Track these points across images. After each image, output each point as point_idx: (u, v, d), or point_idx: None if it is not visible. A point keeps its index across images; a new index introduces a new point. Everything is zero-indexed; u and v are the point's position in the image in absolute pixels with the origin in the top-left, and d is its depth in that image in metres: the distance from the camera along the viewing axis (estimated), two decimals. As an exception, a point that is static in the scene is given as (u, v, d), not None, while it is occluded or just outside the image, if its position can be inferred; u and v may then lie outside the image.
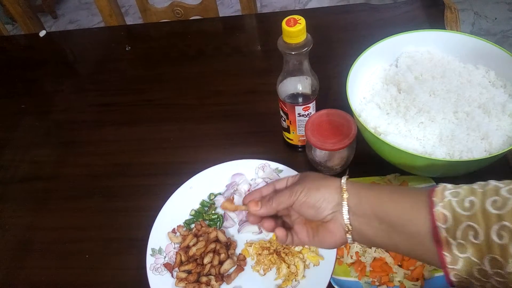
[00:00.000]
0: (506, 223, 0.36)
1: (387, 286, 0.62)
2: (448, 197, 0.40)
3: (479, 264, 0.38)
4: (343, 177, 0.48)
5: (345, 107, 0.69)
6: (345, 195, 0.46)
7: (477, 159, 0.60)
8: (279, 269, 0.66)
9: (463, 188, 0.41)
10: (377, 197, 0.45)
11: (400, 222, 0.43)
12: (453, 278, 0.40)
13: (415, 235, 0.42)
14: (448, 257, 0.39)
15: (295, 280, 0.65)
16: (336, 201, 0.47)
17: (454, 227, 0.39)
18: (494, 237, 0.36)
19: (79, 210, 0.80)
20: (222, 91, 0.96)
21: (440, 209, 0.40)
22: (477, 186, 0.40)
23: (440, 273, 0.61)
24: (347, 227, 0.46)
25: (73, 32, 1.35)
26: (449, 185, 0.42)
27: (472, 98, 0.69)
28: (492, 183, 0.40)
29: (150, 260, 0.68)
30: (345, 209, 0.46)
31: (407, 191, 0.45)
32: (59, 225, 0.79)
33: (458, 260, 0.39)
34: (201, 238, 0.70)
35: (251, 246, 0.69)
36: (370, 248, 0.64)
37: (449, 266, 0.39)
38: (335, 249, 0.64)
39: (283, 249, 0.67)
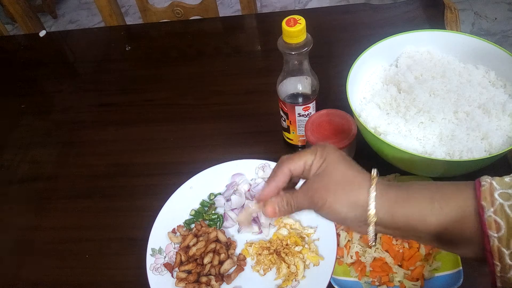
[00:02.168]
0: None
1: (387, 286, 0.62)
2: (499, 200, 0.36)
3: None
4: (371, 192, 0.41)
5: (345, 107, 0.69)
6: (373, 219, 0.41)
7: (477, 159, 0.60)
8: (279, 269, 0.66)
9: None
10: (416, 210, 0.40)
11: (446, 234, 0.39)
12: (500, 285, 0.37)
13: (462, 244, 0.39)
14: (498, 266, 0.36)
15: (295, 280, 0.65)
16: (364, 219, 0.41)
17: (508, 236, 0.35)
18: None
19: (79, 210, 0.80)
20: (222, 91, 0.96)
21: (492, 215, 0.36)
22: None
23: (440, 273, 0.61)
24: (372, 242, 0.42)
25: (73, 32, 1.35)
26: (494, 183, 0.37)
27: (472, 98, 0.69)
28: None
29: (150, 260, 0.68)
30: (371, 231, 0.41)
31: (450, 193, 0.39)
32: (59, 225, 0.79)
33: (510, 269, 0.36)
34: (201, 238, 0.70)
35: (251, 246, 0.69)
36: (370, 248, 0.64)
37: (499, 274, 0.37)
38: (335, 249, 0.64)
39: (283, 249, 0.67)
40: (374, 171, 0.43)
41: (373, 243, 0.42)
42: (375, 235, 0.42)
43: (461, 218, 0.38)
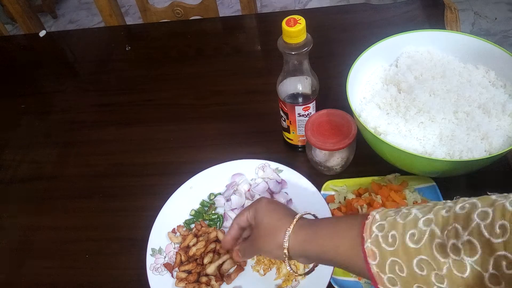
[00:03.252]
0: (423, 256, 0.38)
1: (387, 286, 0.62)
2: (375, 232, 0.42)
3: None
4: (286, 236, 0.50)
5: (345, 107, 0.69)
6: (287, 255, 0.51)
7: (477, 159, 0.60)
8: (279, 269, 0.66)
9: (388, 221, 0.42)
10: (319, 248, 0.48)
11: (344, 263, 0.47)
12: None
13: (359, 270, 0.45)
14: None
15: (295, 280, 0.65)
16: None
17: (382, 262, 0.41)
18: (416, 269, 0.39)
19: (79, 210, 0.80)
20: (222, 91, 0.96)
21: (369, 245, 0.42)
22: (400, 217, 0.42)
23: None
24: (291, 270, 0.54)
25: (73, 32, 1.34)
26: (378, 216, 0.44)
27: (472, 98, 0.69)
28: (413, 211, 0.42)
29: (150, 260, 0.68)
30: (287, 264, 0.52)
31: (345, 229, 0.47)
32: (59, 225, 0.79)
33: None
34: (201, 238, 0.70)
35: (251, 246, 0.69)
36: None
37: None
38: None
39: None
40: (296, 217, 0.52)
41: (296, 272, 0.54)
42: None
43: (353, 250, 0.44)
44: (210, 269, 0.66)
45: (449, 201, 0.41)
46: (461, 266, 0.36)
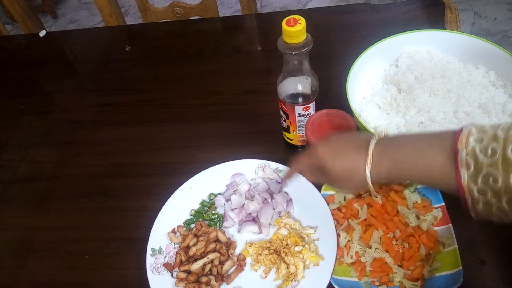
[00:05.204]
0: None
1: (387, 286, 0.62)
2: (472, 143, 0.43)
3: (498, 204, 0.41)
4: (369, 180, 0.50)
5: (345, 107, 0.69)
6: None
7: (477, 159, 0.60)
8: (279, 269, 0.66)
9: (487, 134, 0.42)
10: (404, 173, 0.49)
11: (432, 182, 0.48)
12: (473, 215, 0.44)
13: (444, 181, 0.46)
14: (469, 199, 0.43)
15: (295, 280, 0.65)
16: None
17: (476, 173, 0.42)
18: None
19: (79, 210, 0.80)
20: (222, 91, 0.96)
21: (464, 156, 0.43)
22: (501, 131, 0.42)
23: (440, 273, 0.61)
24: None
25: (73, 32, 1.35)
26: (474, 129, 0.44)
27: (472, 98, 0.69)
28: None
29: (150, 260, 0.68)
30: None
31: (431, 147, 0.47)
32: (59, 225, 0.79)
33: (479, 202, 0.42)
34: (201, 238, 0.70)
35: (251, 246, 0.69)
36: (370, 248, 0.64)
37: (471, 207, 0.43)
38: (335, 249, 0.64)
39: (283, 248, 0.67)
40: (371, 148, 0.50)
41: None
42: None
43: (442, 160, 0.45)
44: (195, 266, 0.66)
45: None
46: None
